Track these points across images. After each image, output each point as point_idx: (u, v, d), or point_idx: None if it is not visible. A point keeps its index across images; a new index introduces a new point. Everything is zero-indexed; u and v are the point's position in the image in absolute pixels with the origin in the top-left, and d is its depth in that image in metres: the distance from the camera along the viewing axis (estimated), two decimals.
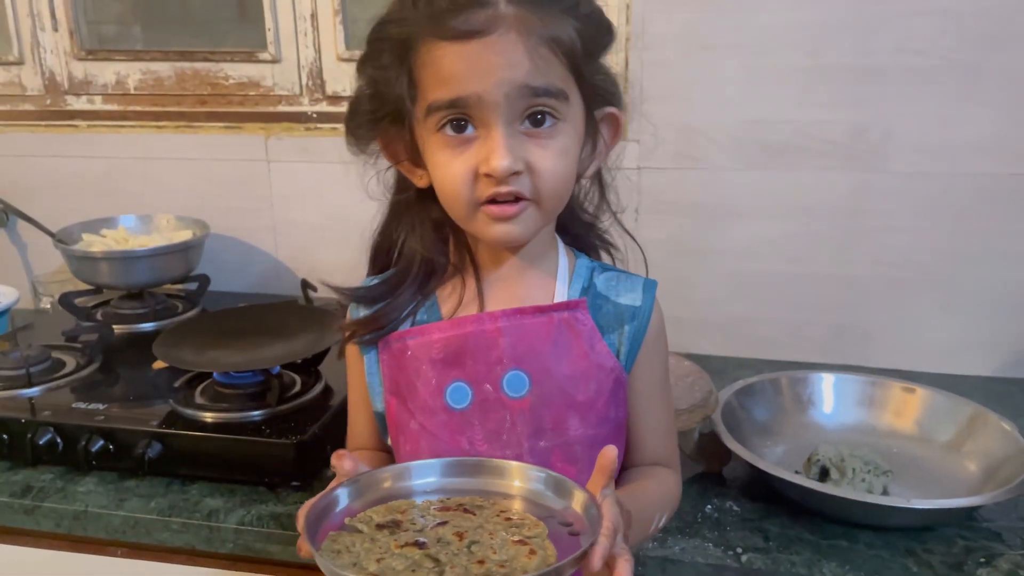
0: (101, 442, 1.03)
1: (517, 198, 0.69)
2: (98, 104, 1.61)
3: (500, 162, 0.67)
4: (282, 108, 1.54)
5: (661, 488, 0.80)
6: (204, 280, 1.50)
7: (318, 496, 0.66)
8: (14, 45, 1.61)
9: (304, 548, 0.62)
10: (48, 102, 1.63)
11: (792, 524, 0.94)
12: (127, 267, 1.38)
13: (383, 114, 0.74)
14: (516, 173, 0.68)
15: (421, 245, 0.78)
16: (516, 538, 0.62)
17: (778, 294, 1.37)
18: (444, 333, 0.75)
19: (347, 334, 0.80)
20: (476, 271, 0.78)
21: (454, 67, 0.67)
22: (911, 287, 1.32)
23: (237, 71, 1.54)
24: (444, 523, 0.65)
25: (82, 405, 1.09)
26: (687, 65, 1.31)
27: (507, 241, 0.73)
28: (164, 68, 1.57)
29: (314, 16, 1.48)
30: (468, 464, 0.71)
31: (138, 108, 1.60)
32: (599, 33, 0.73)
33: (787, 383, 1.14)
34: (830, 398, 1.14)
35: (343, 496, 0.68)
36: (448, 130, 0.69)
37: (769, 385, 1.13)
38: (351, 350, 0.82)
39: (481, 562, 0.59)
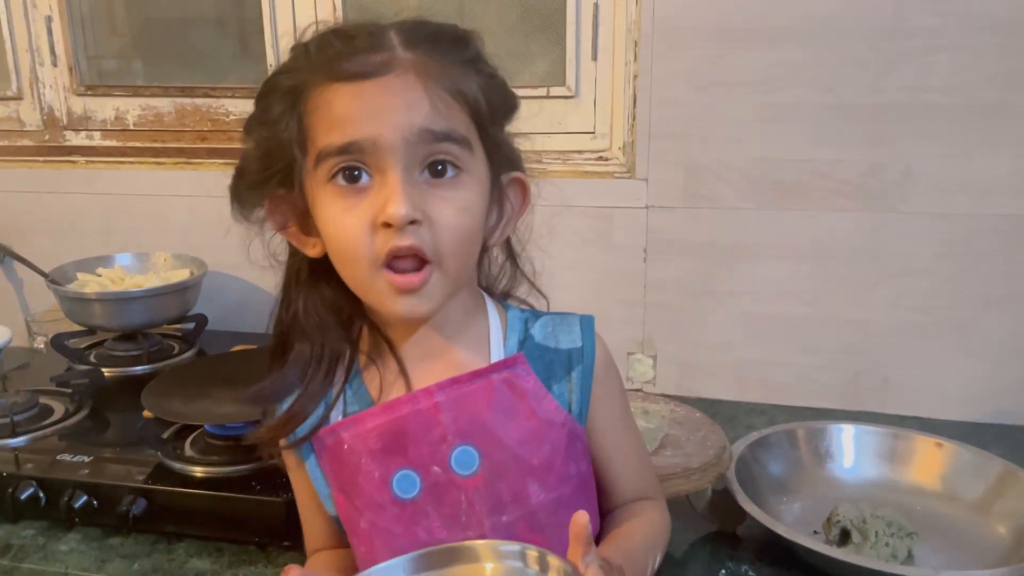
0: (84, 498, 0.99)
1: (418, 258, 0.63)
2: (97, 140, 1.59)
3: (398, 208, 0.61)
4: None
5: (648, 528, 0.76)
6: (201, 320, 1.46)
7: None
8: (12, 80, 1.59)
9: None
10: (46, 137, 1.61)
11: None
12: (121, 308, 1.35)
13: (270, 174, 0.68)
14: (415, 222, 0.62)
15: (319, 332, 0.71)
16: None
17: (793, 338, 1.32)
18: (377, 420, 0.69)
19: (267, 442, 0.73)
20: (394, 351, 0.71)
21: (347, 109, 0.62)
22: (931, 331, 1.27)
23: (238, 107, 1.52)
24: None
25: (67, 457, 1.04)
26: (697, 102, 1.27)
27: (413, 317, 0.67)
28: (164, 104, 1.55)
29: None
30: (433, 555, 0.65)
31: (137, 144, 1.57)
32: (504, 97, 0.69)
33: (804, 435, 1.09)
34: (850, 451, 1.08)
35: None
36: (340, 179, 0.63)
37: (785, 437, 1.08)
38: (289, 455, 0.75)
39: None
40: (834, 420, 1.14)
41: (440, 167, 0.64)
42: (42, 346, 1.53)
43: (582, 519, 0.59)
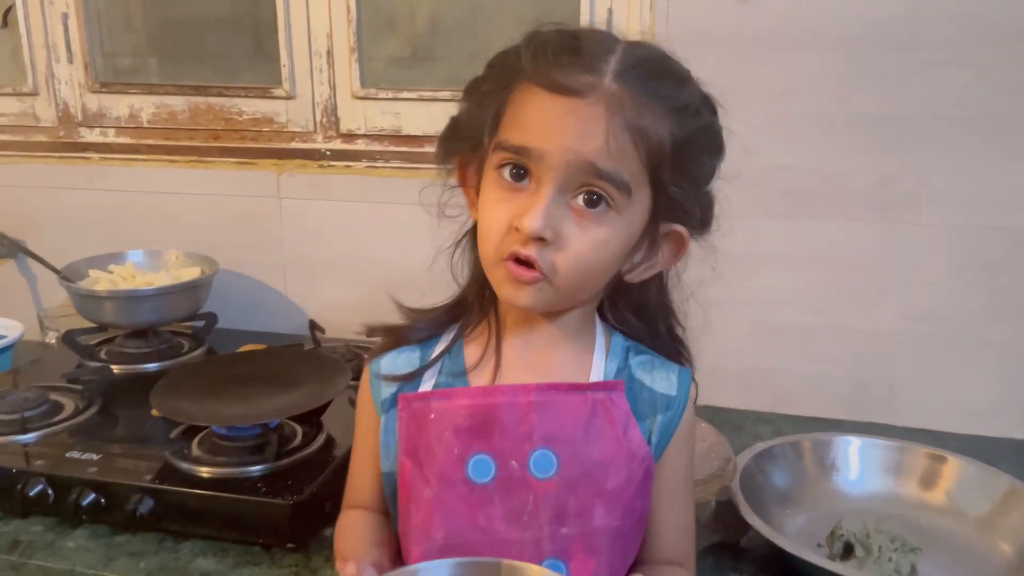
0: (92, 495, 0.99)
1: (532, 267, 0.66)
2: (111, 137, 1.60)
3: (532, 222, 0.64)
4: (295, 145, 1.51)
5: None
6: (211, 318, 1.47)
7: None
8: (28, 76, 1.60)
9: None
10: (61, 134, 1.62)
11: None
12: (132, 306, 1.36)
13: (470, 135, 0.72)
14: (542, 240, 0.65)
15: (468, 283, 0.77)
16: None
17: (800, 346, 1.32)
18: (473, 400, 0.71)
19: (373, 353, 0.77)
20: (498, 329, 0.75)
21: (535, 116, 0.66)
22: (941, 343, 1.27)
23: (251, 107, 1.52)
24: None
25: (76, 454, 1.05)
26: None
27: (516, 304, 0.70)
28: (178, 102, 1.56)
29: (330, 53, 1.45)
30: (482, 566, 0.63)
31: (151, 142, 1.58)
32: (700, 149, 0.70)
33: (809, 447, 1.09)
34: (855, 464, 1.08)
35: None
36: (506, 173, 0.67)
37: (790, 449, 1.08)
38: (365, 402, 0.78)
39: None
40: (840, 432, 1.14)
41: (594, 198, 0.66)
42: (54, 341, 1.54)
43: None
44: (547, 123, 0.65)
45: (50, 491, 1.01)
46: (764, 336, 1.33)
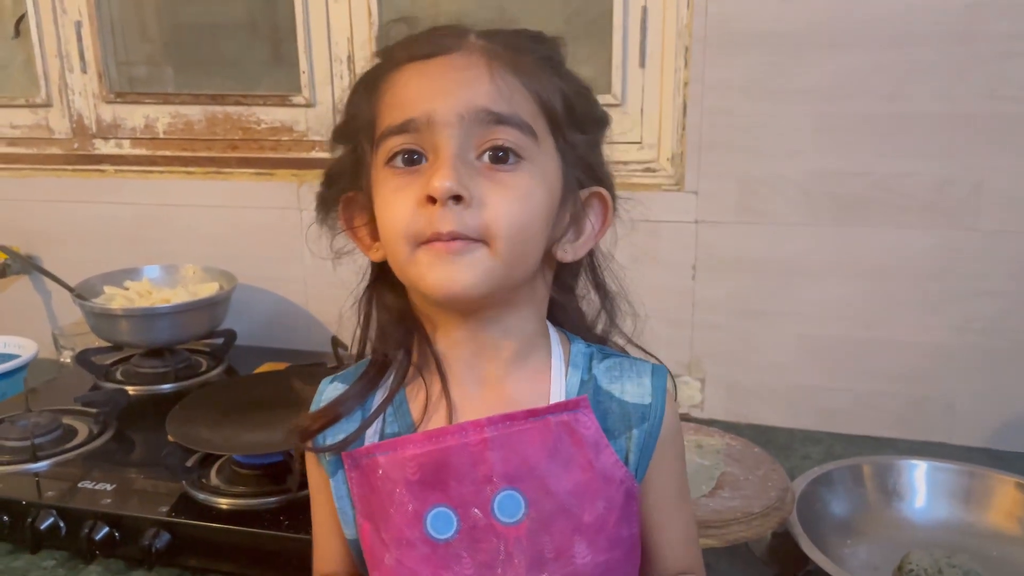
0: (106, 529, 0.94)
1: (456, 239, 0.58)
2: (126, 148, 1.55)
3: (442, 181, 0.56)
4: (316, 154, 1.46)
5: None
6: (230, 336, 1.42)
7: None
8: (42, 87, 1.56)
9: None
10: (75, 146, 1.58)
11: None
12: (148, 325, 1.30)
13: (349, 172, 0.66)
14: (459, 199, 0.57)
15: (375, 338, 0.68)
16: None
17: (851, 361, 1.25)
18: (419, 448, 0.63)
19: (297, 436, 0.68)
20: (439, 366, 0.65)
21: (409, 88, 0.60)
22: (1002, 356, 1.19)
23: (270, 115, 1.47)
24: None
25: (89, 484, 1.00)
26: (752, 112, 1.20)
27: (449, 288, 0.59)
28: (194, 111, 1.51)
29: (350, 58, 1.40)
30: None
31: (167, 153, 1.53)
32: (588, 104, 0.65)
33: (870, 472, 1.01)
34: (921, 490, 1.01)
35: None
36: (398, 162, 0.60)
37: (849, 473, 1.01)
38: (313, 466, 0.70)
39: None
40: (900, 454, 1.07)
41: (500, 153, 0.59)
42: (69, 360, 1.49)
43: None
44: (426, 87, 0.60)
45: (62, 524, 0.96)
46: (811, 351, 1.26)
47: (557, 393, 0.65)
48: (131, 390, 1.28)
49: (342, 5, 1.38)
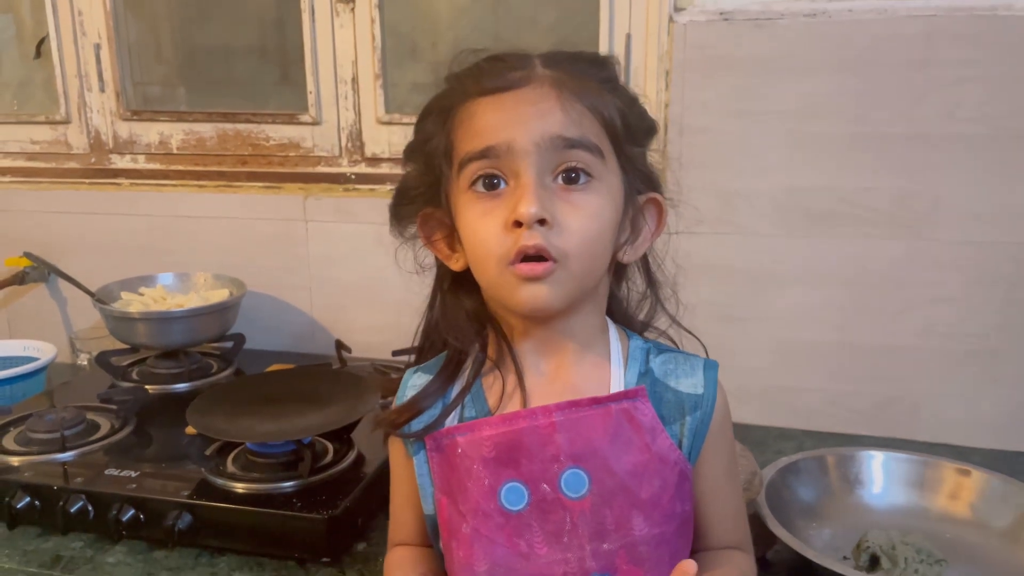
0: (132, 511, 1.02)
1: (543, 258, 0.66)
2: (141, 163, 1.64)
3: (528, 207, 0.64)
4: (321, 169, 1.55)
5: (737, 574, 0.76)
6: (239, 339, 1.50)
7: None
8: (61, 105, 1.64)
9: None
10: (92, 160, 1.66)
11: None
12: (163, 328, 1.39)
13: (423, 190, 0.73)
14: (544, 223, 0.65)
15: (450, 333, 0.76)
16: None
17: (822, 364, 1.33)
18: (495, 430, 0.71)
19: (387, 427, 0.76)
20: (515, 360, 0.74)
21: (486, 118, 0.67)
22: (961, 358, 1.28)
23: (278, 132, 1.56)
24: None
25: (114, 472, 1.08)
26: (727, 131, 1.29)
27: (535, 307, 0.68)
28: (206, 129, 1.59)
29: (355, 80, 1.49)
30: None
31: (180, 167, 1.62)
32: (641, 119, 0.72)
33: (834, 461, 1.10)
34: (879, 478, 1.09)
35: None
36: (479, 186, 0.68)
37: (815, 463, 1.09)
38: (396, 448, 0.78)
39: None
40: (863, 447, 1.15)
41: (573, 175, 0.67)
42: (85, 363, 1.57)
43: (690, 569, 0.62)
44: (502, 118, 0.66)
45: (90, 507, 1.03)
46: (786, 354, 1.34)
47: (617, 383, 0.73)
48: (148, 389, 1.35)
49: (347, 31, 1.47)
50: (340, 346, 1.47)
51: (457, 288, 0.76)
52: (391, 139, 1.50)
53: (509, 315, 0.74)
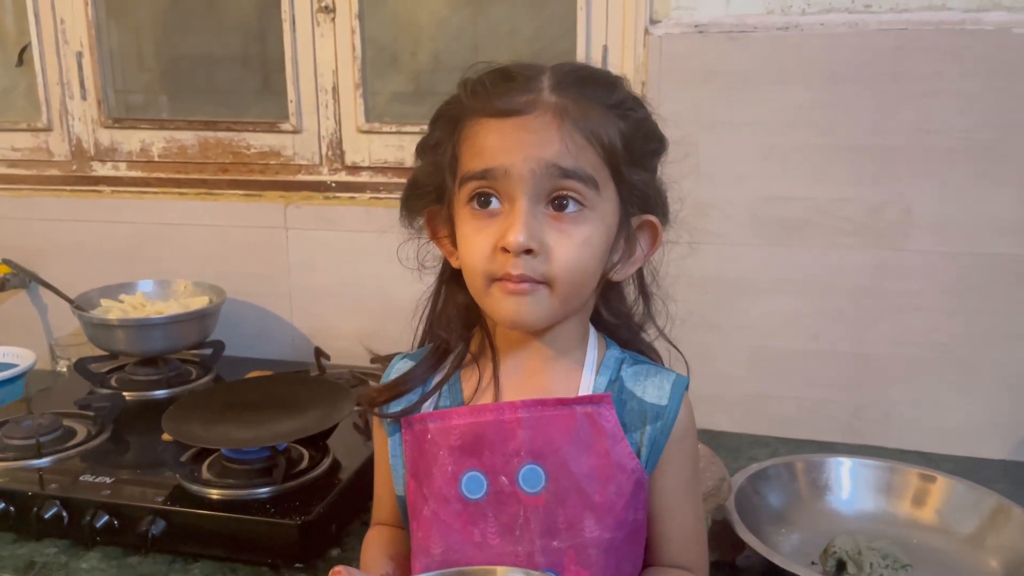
0: (106, 517, 1.02)
1: (525, 282, 0.68)
2: (122, 170, 1.65)
3: (516, 237, 0.67)
4: (302, 177, 1.56)
5: None
6: (219, 346, 1.50)
7: None
8: (43, 112, 1.65)
9: None
10: (74, 168, 1.67)
11: None
12: (142, 334, 1.39)
13: (431, 188, 0.76)
14: (530, 252, 0.67)
15: (440, 325, 0.79)
16: None
17: (796, 371, 1.35)
18: (463, 420, 0.74)
19: (366, 404, 0.80)
20: (494, 356, 0.77)
21: (489, 140, 0.69)
22: (930, 367, 1.30)
23: (259, 140, 1.57)
24: None
25: (89, 478, 1.08)
26: (702, 142, 1.31)
27: (517, 321, 0.71)
28: (188, 136, 1.60)
29: (335, 89, 1.50)
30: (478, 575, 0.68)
31: (161, 175, 1.63)
32: (645, 139, 0.74)
33: (802, 468, 1.11)
34: (847, 484, 1.11)
35: None
36: (475, 204, 0.70)
37: (784, 470, 1.11)
38: (378, 429, 0.81)
39: None
40: (833, 453, 1.16)
41: (564, 202, 0.69)
42: (64, 369, 1.57)
43: None
44: (503, 143, 0.68)
45: (65, 513, 1.04)
46: (761, 362, 1.36)
47: (586, 389, 0.76)
48: (126, 396, 1.36)
49: (328, 40, 1.48)
50: (319, 353, 1.47)
51: (454, 284, 0.78)
52: (371, 148, 1.52)
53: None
